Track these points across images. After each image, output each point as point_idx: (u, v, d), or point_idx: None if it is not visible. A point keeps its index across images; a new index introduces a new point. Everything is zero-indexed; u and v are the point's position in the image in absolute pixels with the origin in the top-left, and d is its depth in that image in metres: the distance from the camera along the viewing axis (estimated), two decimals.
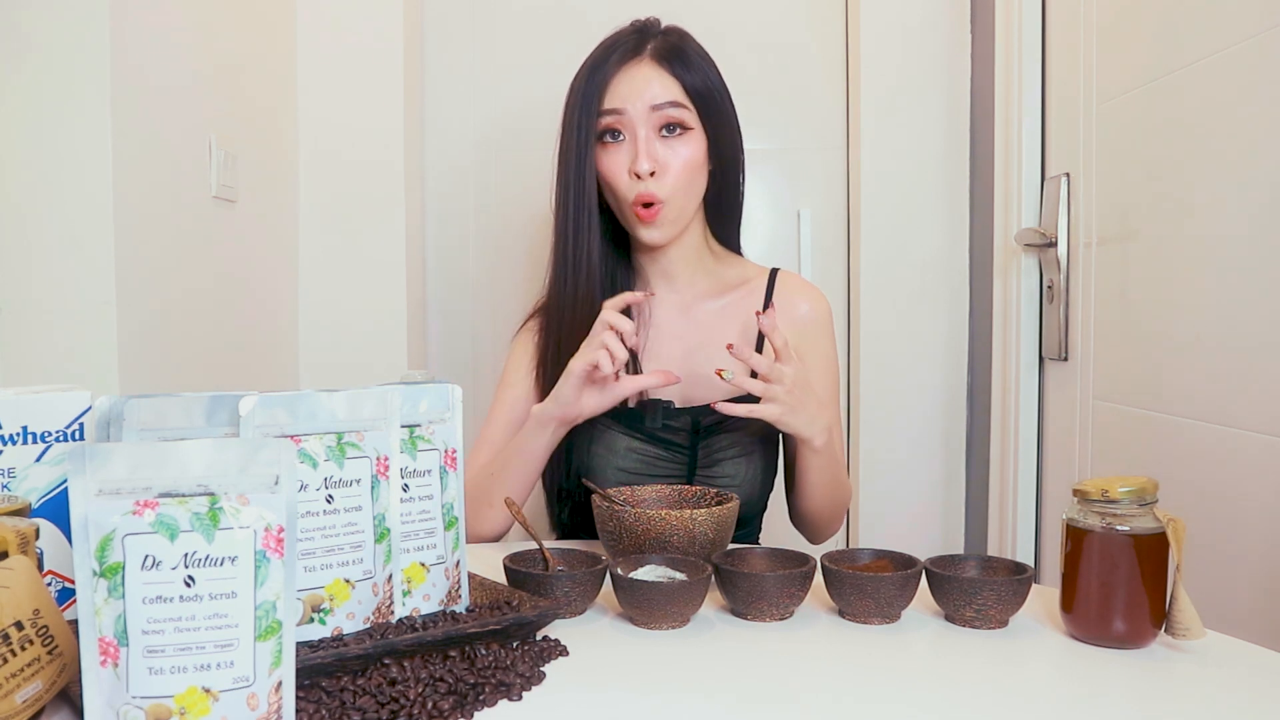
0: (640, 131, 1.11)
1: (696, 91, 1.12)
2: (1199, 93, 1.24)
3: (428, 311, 2.07)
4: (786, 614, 0.86)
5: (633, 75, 1.11)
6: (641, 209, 1.12)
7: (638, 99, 1.10)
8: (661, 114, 1.11)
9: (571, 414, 1.07)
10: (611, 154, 1.13)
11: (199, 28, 1.54)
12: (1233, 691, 0.71)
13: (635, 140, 1.11)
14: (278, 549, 0.60)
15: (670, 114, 1.11)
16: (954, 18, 1.92)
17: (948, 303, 1.94)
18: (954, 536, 1.96)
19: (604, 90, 1.11)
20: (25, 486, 0.77)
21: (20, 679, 0.60)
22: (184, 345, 1.50)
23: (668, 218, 1.13)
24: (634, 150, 1.11)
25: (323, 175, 1.92)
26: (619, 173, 1.12)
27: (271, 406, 0.74)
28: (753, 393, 1.01)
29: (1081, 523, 0.80)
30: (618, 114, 1.11)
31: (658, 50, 1.12)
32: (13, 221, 1.29)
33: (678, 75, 1.12)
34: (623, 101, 1.11)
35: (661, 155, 1.11)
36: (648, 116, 1.11)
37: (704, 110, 1.13)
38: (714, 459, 1.16)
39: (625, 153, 1.12)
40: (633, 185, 1.12)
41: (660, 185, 1.11)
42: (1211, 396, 1.22)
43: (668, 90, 1.11)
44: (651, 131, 1.11)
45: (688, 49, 1.14)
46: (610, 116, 1.12)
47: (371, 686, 0.67)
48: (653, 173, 1.11)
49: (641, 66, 1.12)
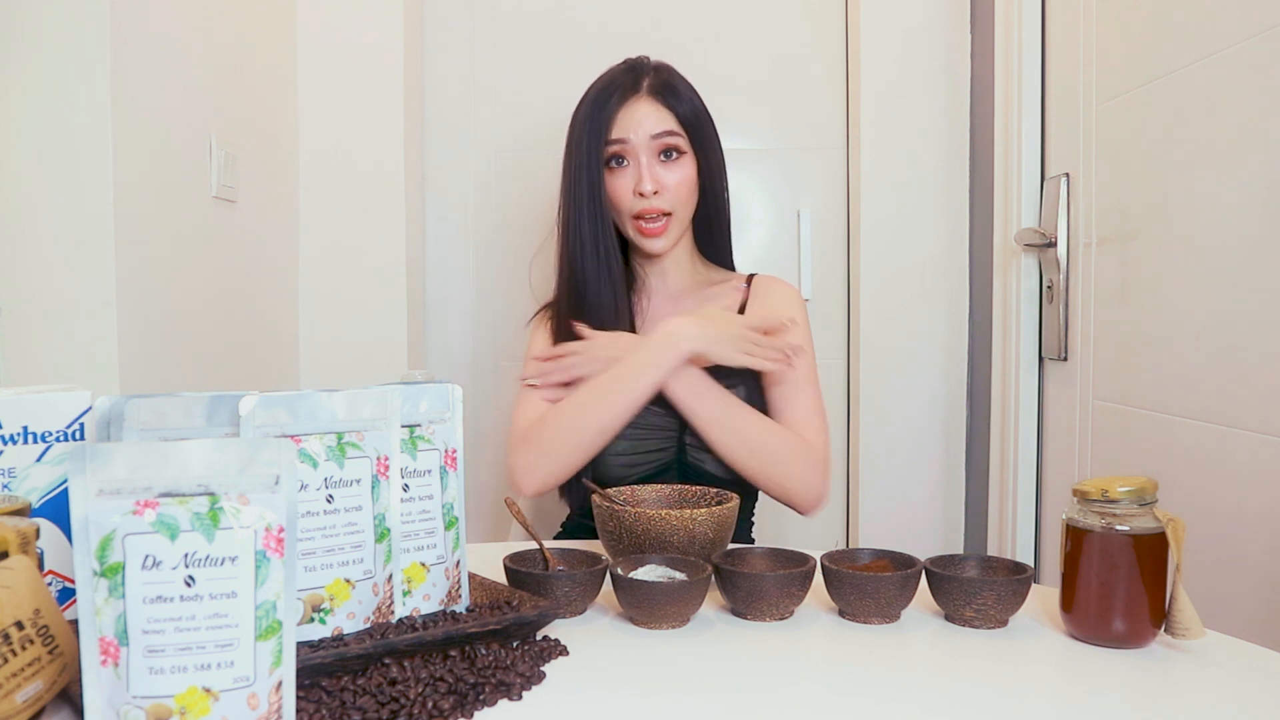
0: (642, 158, 1.27)
1: (687, 120, 1.29)
2: (1199, 93, 1.24)
3: (428, 311, 2.07)
4: (786, 614, 0.86)
5: (634, 110, 1.27)
6: (645, 224, 1.28)
7: (639, 129, 1.27)
8: (660, 141, 1.27)
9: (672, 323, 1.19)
10: (617, 177, 1.29)
11: (199, 28, 1.54)
12: (1233, 691, 0.71)
13: (638, 165, 1.27)
14: (278, 549, 0.60)
15: (667, 141, 1.27)
16: (954, 18, 1.92)
17: (948, 303, 1.94)
18: (954, 536, 1.96)
19: (610, 124, 1.27)
20: (26, 486, 0.77)
21: (21, 679, 0.60)
22: (184, 345, 1.50)
23: (674, 229, 1.29)
24: (638, 174, 1.27)
25: (323, 175, 1.92)
26: (625, 193, 1.28)
27: (271, 406, 0.74)
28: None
29: (1081, 523, 0.80)
30: (622, 143, 1.27)
31: (652, 86, 1.29)
32: (13, 221, 1.29)
33: (671, 107, 1.28)
34: (626, 133, 1.27)
35: (661, 176, 1.27)
36: (648, 144, 1.27)
37: (694, 136, 1.29)
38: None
39: (629, 176, 1.28)
40: (636, 203, 1.27)
41: (664, 201, 1.27)
42: (1211, 396, 1.22)
43: (663, 121, 1.27)
44: (651, 157, 1.27)
45: (676, 83, 1.30)
46: (616, 145, 1.27)
47: (372, 686, 0.67)
48: (656, 192, 1.26)
49: (640, 102, 1.28)
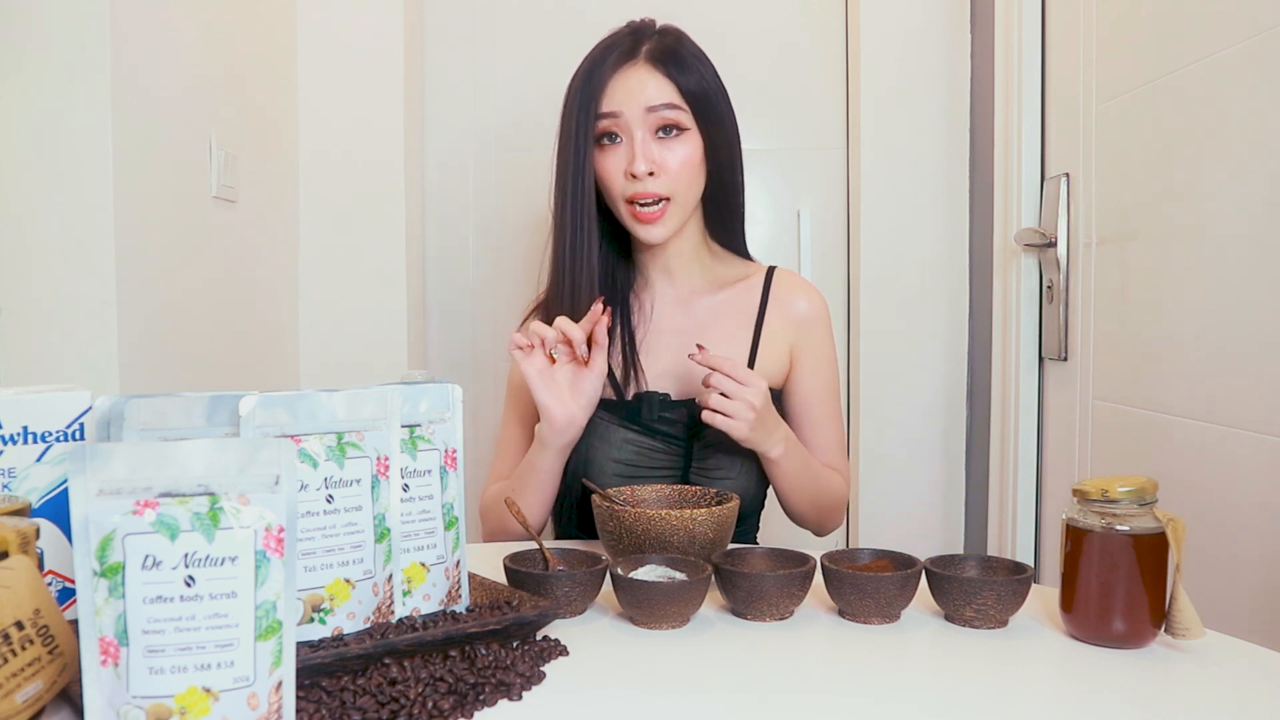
0: (637, 134, 1.12)
1: (691, 93, 1.13)
2: (1199, 93, 1.24)
3: (428, 311, 2.07)
4: (786, 614, 0.86)
5: (628, 78, 1.12)
6: (639, 209, 1.13)
7: (633, 102, 1.11)
8: (657, 116, 1.12)
9: (561, 421, 1.08)
10: (608, 156, 1.14)
11: (199, 28, 1.54)
12: (1233, 691, 0.71)
13: (632, 142, 1.12)
14: (278, 549, 0.60)
15: (666, 115, 1.12)
16: (954, 18, 1.92)
17: (948, 303, 1.94)
18: (954, 536, 1.96)
19: (600, 94, 1.12)
20: (26, 486, 0.77)
21: (21, 679, 0.60)
22: (184, 345, 1.50)
23: (674, 215, 1.14)
24: (630, 152, 1.12)
25: (323, 175, 1.92)
26: (615, 174, 1.13)
27: (271, 406, 0.74)
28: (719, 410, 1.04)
29: (1081, 523, 0.80)
30: (614, 117, 1.12)
31: (652, 52, 1.13)
32: (13, 221, 1.29)
33: (672, 77, 1.12)
34: (618, 105, 1.12)
35: (658, 156, 1.12)
36: (643, 118, 1.12)
37: (699, 111, 1.14)
38: (709, 451, 1.17)
39: (622, 155, 1.13)
40: (628, 185, 1.13)
41: (660, 184, 1.12)
42: (1211, 396, 1.22)
43: (663, 92, 1.12)
44: (648, 133, 1.12)
45: (683, 50, 1.14)
46: (607, 120, 1.12)
47: (372, 686, 0.67)
48: (650, 173, 1.11)
49: (636, 69, 1.12)
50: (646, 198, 1.12)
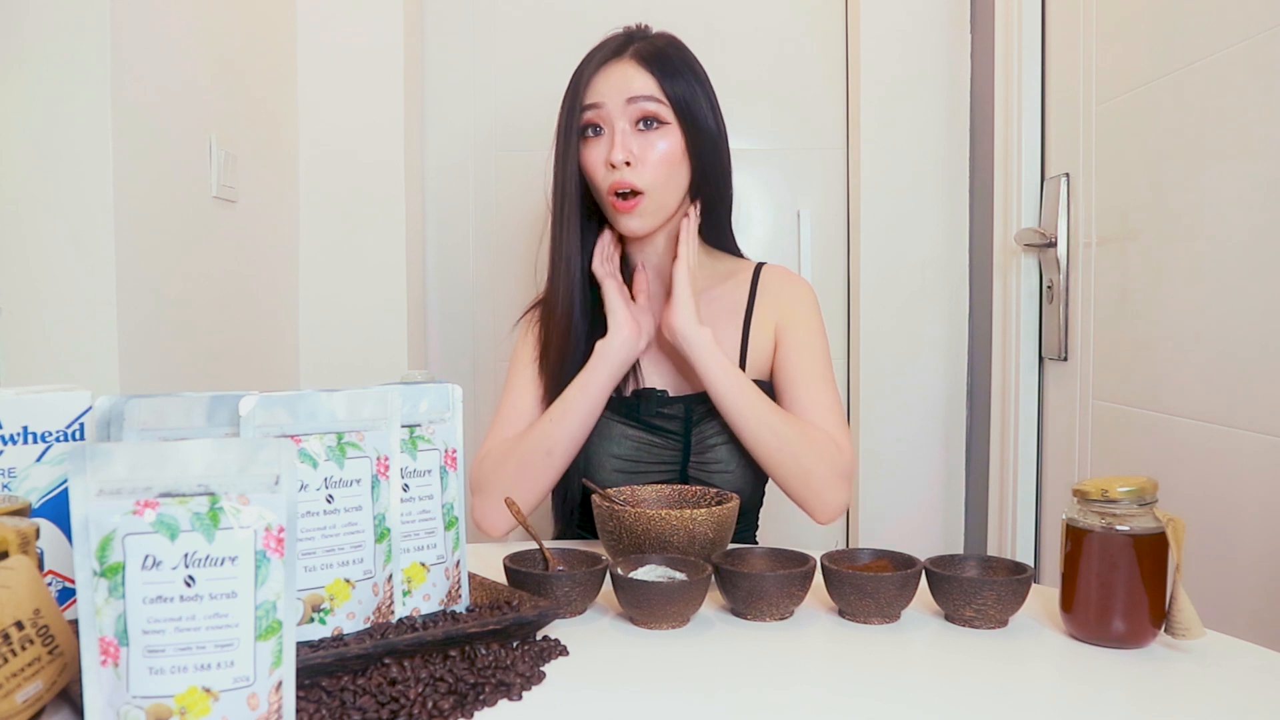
0: (617, 124, 1.14)
1: (673, 93, 1.15)
2: (1199, 93, 1.24)
3: (428, 311, 2.07)
4: (786, 614, 0.86)
5: (612, 72, 1.15)
6: (618, 199, 1.14)
7: (615, 93, 1.14)
8: (637, 107, 1.13)
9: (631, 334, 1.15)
10: (592, 147, 1.16)
11: (199, 28, 1.54)
12: (1232, 691, 0.71)
13: (613, 133, 1.14)
14: (278, 549, 0.60)
15: (645, 107, 1.13)
16: (954, 18, 1.92)
17: (947, 303, 1.94)
18: (954, 536, 1.96)
19: (586, 87, 1.15)
20: (26, 486, 0.77)
21: (21, 679, 0.60)
22: (184, 345, 1.50)
23: (648, 208, 1.15)
24: (611, 142, 1.14)
25: (323, 175, 1.92)
26: (597, 165, 1.15)
27: (271, 406, 0.74)
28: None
29: (1081, 523, 0.80)
30: (597, 108, 1.14)
31: (639, 51, 1.15)
32: (13, 221, 1.29)
33: (655, 74, 1.14)
34: (600, 96, 1.14)
35: (637, 147, 1.14)
36: (624, 110, 1.13)
37: (680, 111, 1.15)
38: (707, 445, 1.17)
39: (604, 146, 1.15)
40: (608, 175, 1.14)
41: (638, 176, 1.13)
42: (1211, 396, 1.22)
43: (644, 85, 1.14)
44: (628, 124, 1.14)
45: (670, 54, 1.16)
46: (590, 111, 1.15)
47: (372, 686, 0.67)
48: (628, 163, 1.13)
49: (622, 64, 1.15)
50: (624, 188, 1.14)
